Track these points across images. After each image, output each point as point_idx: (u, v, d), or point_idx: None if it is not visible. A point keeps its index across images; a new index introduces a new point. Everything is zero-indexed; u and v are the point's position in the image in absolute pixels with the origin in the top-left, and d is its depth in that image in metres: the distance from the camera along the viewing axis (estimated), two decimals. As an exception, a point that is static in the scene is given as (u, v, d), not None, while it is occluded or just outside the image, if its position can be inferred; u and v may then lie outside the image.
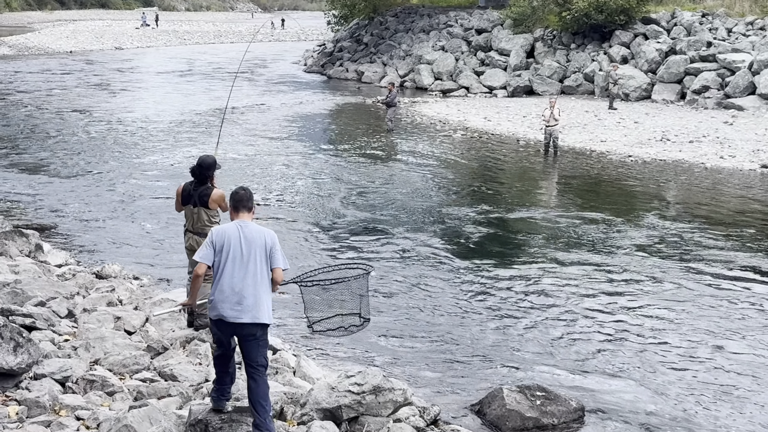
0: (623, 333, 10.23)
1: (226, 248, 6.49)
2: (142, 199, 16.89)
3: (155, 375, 7.88)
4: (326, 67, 48.65)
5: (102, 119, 28.01)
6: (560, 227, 15.16)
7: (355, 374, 7.52)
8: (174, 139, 24.30)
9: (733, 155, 21.72)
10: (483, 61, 39.52)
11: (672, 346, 9.87)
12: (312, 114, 31.37)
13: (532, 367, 9.29)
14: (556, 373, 9.14)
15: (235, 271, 6.45)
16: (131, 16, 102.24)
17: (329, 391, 7.34)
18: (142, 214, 15.80)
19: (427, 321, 10.62)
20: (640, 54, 33.76)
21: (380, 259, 13.18)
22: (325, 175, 19.80)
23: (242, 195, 6.73)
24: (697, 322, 10.60)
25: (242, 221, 6.62)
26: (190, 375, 7.85)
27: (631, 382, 8.93)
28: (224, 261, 6.48)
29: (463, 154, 23.19)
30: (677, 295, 11.58)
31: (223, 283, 6.46)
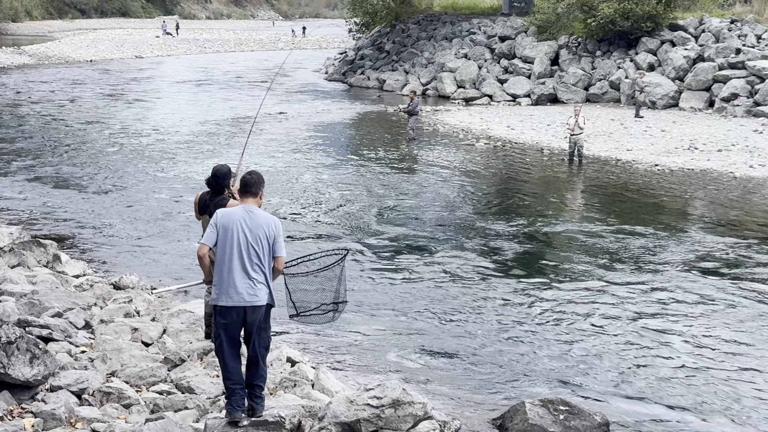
0: (652, 350, 10.12)
1: (231, 232, 6.65)
2: (161, 211, 16.97)
3: (172, 387, 7.90)
4: (347, 75, 48.79)
5: (121, 130, 28.23)
6: (586, 240, 15.07)
7: (375, 387, 7.50)
8: (193, 150, 24.42)
9: (764, 164, 21.54)
10: (506, 69, 39.50)
11: (705, 365, 9.75)
12: (333, 123, 31.45)
13: (556, 380, 9.23)
14: (581, 387, 9.07)
15: (239, 255, 6.61)
16: (151, 25, 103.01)
17: (348, 404, 7.32)
18: (160, 225, 15.88)
19: (448, 334, 10.58)
20: (667, 61, 33.60)
21: (403, 270, 13.17)
22: (348, 186, 19.79)
23: (250, 179, 6.88)
24: (734, 340, 10.47)
25: (249, 206, 6.79)
26: (207, 387, 7.86)
27: (659, 400, 8.84)
28: (228, 245, 6.65)
29: (486, 164, 23.15)
30: (710, 312, 11.43)
31: (228, 267, 6.62)
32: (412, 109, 26.56)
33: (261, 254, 6.69)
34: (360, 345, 10.12)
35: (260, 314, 6.72)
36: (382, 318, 11.07)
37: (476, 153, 24.83)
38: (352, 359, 9.72)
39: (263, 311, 6.74)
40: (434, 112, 34.34)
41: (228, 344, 6.78)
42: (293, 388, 8.16)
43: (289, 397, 7.91)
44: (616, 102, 34.35)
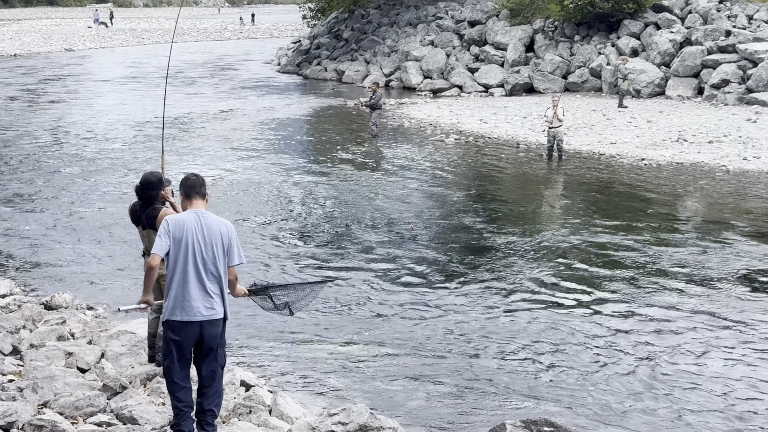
0: (642, 368, 10.18)
1: (185, 240, 6.59)
2: (94, 223, 16.74)
3: (112, 418, 7.78)
4: (302, 66, 48.73)
5: (48, 133, 27.90)
6: (568, 246, 15.13)
7: (339, 412, 7.46)
8: (126, 155, 24.17)
9: (758, 156, 21.83)
10: (477, 57, 39.67)
11: (695, 379, 9.83)
12: (287, 120, 31.36)
13: (539, 400, 9.24)
14: (566, 407, 9.09)
15: (196, 265, 6.59)
16: (83, 14, 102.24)
17: (310, 431, 7.28)
18: (95, 237, 15.69)
19: (419, 352, 10.55)
20: (651, 45, 33.94)
21: (366, 281, 13.13)
22: (305, 192, 19.70)
23: (194, 181, 6.86)
24: (731, 354, 10.57)
25: (199, 210, 6.74)
26: (151, 417, 7.75)
27: (648, 420, 8.89)
28: (182, 255, 6.60)
29: (457, 162, 23.21)
30: (706, 326, 11.51)
31: (181, 279, 6.59)
32: (374, 102, 26.55)
33: (217, 263, 6.66)
34: (323, 365, 10.06)
35: (218, 329, 6.72)
36: (347, 336, 11.02)
37: (446, 149, 24.89)
38: (314, 381, 9.66)
39: (221, 325, 6.74)
40: (399, 105, 34.40)
41: (179, 363, 6.73)
42: (248, 415, 8.08)
43: (244, 425, 7.82)
44: (598, 91, 34.64)
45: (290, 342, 10.72)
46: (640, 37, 35.02)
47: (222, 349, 6.81)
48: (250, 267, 13.76)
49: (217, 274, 6.66)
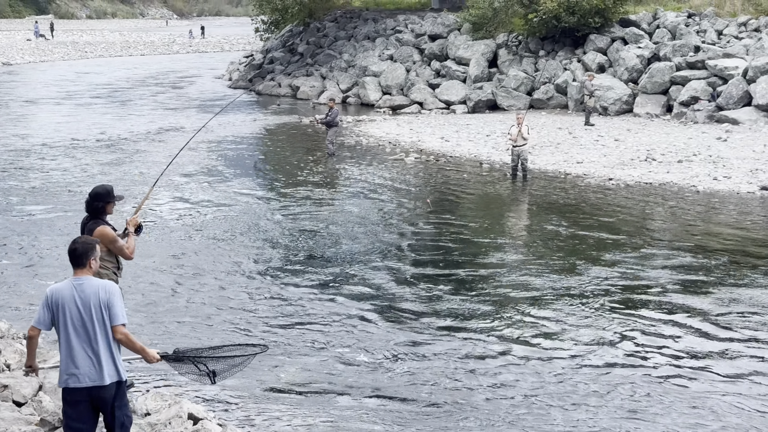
0: (617, 393, 10.26)
1: (62, 311, 6.87)
2: (29, 249, 16.55)
3: (50, 455, 7.67)
4: (255, 81, 48.70)
5: (-14, 148, 27.59)
6: (534, 269, 15.22)
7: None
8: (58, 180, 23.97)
9: (729, 176, 22.13)
10: (438, 72, 39.89)
11: (670, 406, 9.93)
12: (239, 138, 31.26)
13: (509, 424, 9.27)
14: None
15: (76, 334, 6.83)
16: (22, 26, 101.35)
17: (261, 467, 7.23)
18: (30, 263, 15.51)
19: (377, 377, 10.54)
20: (618, 61, 34.36)
21: (320, 309, 13.11)
22: (255, 215, 19.62)
23: (73, 250, 7.09)
24: (707, 380, 10.68)
25: (77, 278, 6.99)
26: (92, 453, 7.65)
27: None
28: (62, 325, 6.88)
29: (418, 182, 23.28)
30: (672, 350, 11.65)
31: (66, 348, 6.86)
32: (330, 120, 26.56)
33: (98, 328, 6.86)
34: (275, 395, 10.01)
35: (111, 393, 6.90)
36: (301, 363, 10.97)
37: (406, 169, 24.95)
38: (266, 412, 9.60)
39: (113, 389, 6.90)
40: (356, 122, 34.47)
41: (72, 430, 6.92)
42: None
43: (192, 461, 7.76)
44: (564, 108, 34.98)
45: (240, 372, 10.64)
46: (607, 52, 35.44)
47: (120, 411, 6.98)
48: (200, 300, 13.69)
49: (102, 338, 6.86)
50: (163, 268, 15.16)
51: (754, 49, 31.62)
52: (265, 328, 12.24)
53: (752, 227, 17.93)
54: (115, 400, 6.91)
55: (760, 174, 22.03)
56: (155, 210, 19.46)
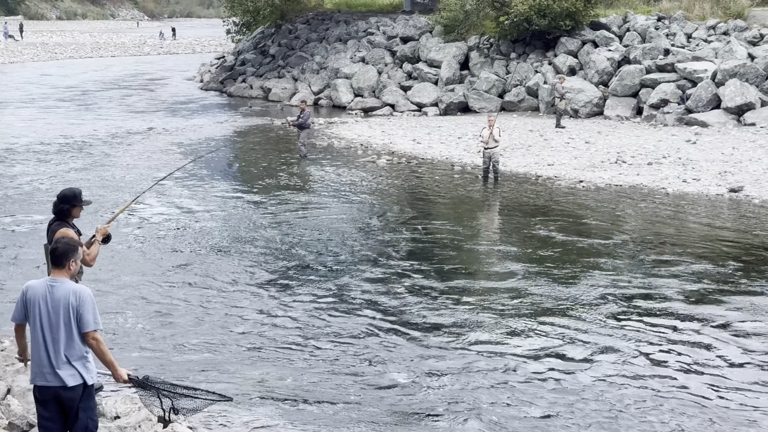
0: (576, 391, 10.31)
1: (34, 309, 6.92)
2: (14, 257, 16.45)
3: (18, 459, 7.62)
4: (226, 83, 48.56)
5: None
6: (504, 271, 15.27)
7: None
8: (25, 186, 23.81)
9: (698, 178, 22.29)
10: (410, 75, 39.94)
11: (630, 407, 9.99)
12: (210, 140, 31.17)
13: (470, 423, 9.29)
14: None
15: (44, 333, 6.86)
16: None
17: (232, 470, 7.21)
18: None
19: (348, 382, 10.53)
20: (589, 64, 34.55)
21: (289, 312, 13.10)
22: (226, 215, 19.62)
23: (54, 249, 7.11)
24: (673, 386, 10.75)
25: (53, 278, 7.02)
26: (61, 457, 7.60)
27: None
28: (32, 323, 6.94)
29: (390, 184, 23.29)
30: (636, 353, 11.72)
31: (35, 346, 6.92)
32: (303, 121, 26.54)
33: (63, 331, 6.87)
34: (245, 399, 9.98)
35: (76, 395, 6.91)
36: (270, 367, 10.95)
37: (378, 171, 24.96)
38: (235, 416, 9.57)
39: (80, 391, 6.91)
40: (328, 124, 34.45)
41: (44, 428, 6.97)
42: (166, 454, 7.97)
43: (162, 465, 7.72)
44: (535, 110, 35.12)
45: (212, 374, 10.62)
46: (577, 55, 35.63)
47: (85, 413, 6.99)
48: (169, 306, 13.63)
49: (65, 343, 6.87)
50: (134, 276, 15.09)
51: (723, 53, 31.88)
52: (240, 334, 12.21)
53: (721, 228, 18.07)
54: (80, 402, 6.91)
55: (729, 176, 22.21)
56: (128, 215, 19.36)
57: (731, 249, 16.47)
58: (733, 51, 31.60)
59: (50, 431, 6.95)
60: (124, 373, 7.22)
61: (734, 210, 19.71)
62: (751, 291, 13.81)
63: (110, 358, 7.06)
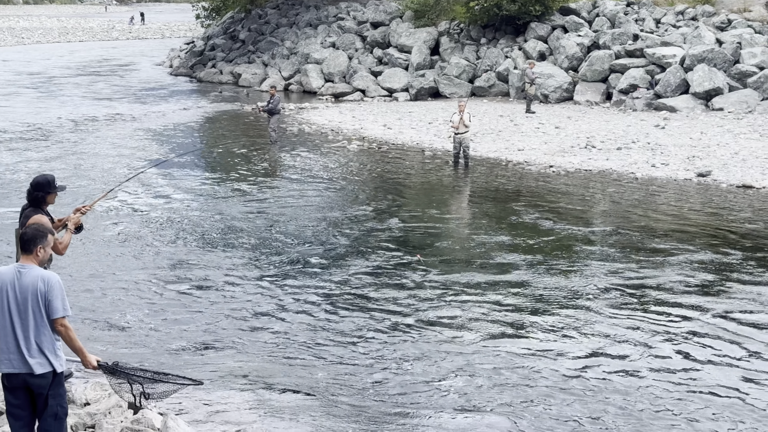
0: (545, 375, 10.38)
1: (1, 296, 6.88)
2: None
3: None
4: (196, 68, 48.30)
5: None
6: (473, 256, 15.31)
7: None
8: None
9: (666, 163, 22.45)
10: (381, 60, 39.90)
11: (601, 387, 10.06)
12: (179, 126, 31.00)
13: (436, 412, 9.34)
14: (468, 423, 9.21)
15: (11, 320, 6.83)
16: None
17: (203, 455, 7.21)
18: None
19: (319, 369, 10.54)
20: (559, 49, 34.66)
21: (261, 299, 13.09)
22: (196, 202, 19.54)
23: (23, 234, 7.08)
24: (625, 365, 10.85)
25: (22, 265, 6.97)
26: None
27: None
28: (1, 309, 6.88)
29: (360, 169, 23.28)
30: (607, 337, 11.81)
31: (2, 332, 6.86)
32: (272, 107, 26.45)
33: (32, 318, 6.84)
34: (216, 385, 9.97)
35: (45, 382, 6.88)
36: (241, 354, 10.95)
37: (348, 156, 24.94)
38: (207, 402, 9.56)
39: (49, 379, 6.88)
40: (299, 110, 34.37)
41: (12, 417, 6.95)
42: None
43: (133, 451, 7.72)
44: (505, 96, 35.21)
45: (182, 360, 10.61)
46: (547, 40, 35.73)
47: (54, 401, 6.95)
48: (135, 296, 13.59)
49: (33, 330, 6.84)
50: (101, 263, 15.02)
51: (692, 38, 32.07)
52: (209, 322, 12.19)
53: (689, 213, 18.21)
54: (50, 389, 6.88)
55: (697, 161, 22.39)
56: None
57: (700, 231, 16.60)
58: (701, 36, 31.80)
59: (19, 418, 6.91)
60: (93, 360, 7.20)
61: (703, 194, 19.86)
62: (725, 273, 13.94)
63: (79, 345, 7.03)
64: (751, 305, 12.51)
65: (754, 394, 9.71)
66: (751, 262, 14.53)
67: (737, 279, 13.68)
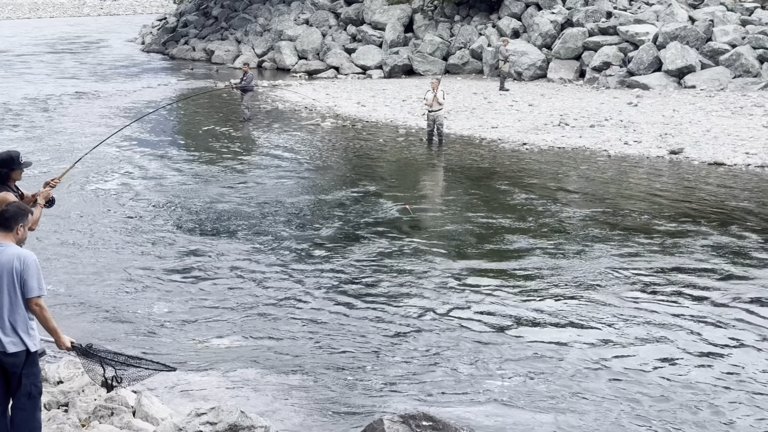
0: (521, 355, 10.43)
1: None
2: None
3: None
4: (168, 45, 48.03)
5: None
6: (447, 233, 15.36)
7: (208, 411, 7.41)
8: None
9: (639, 140, 22.55)
10: (354, 37, 39.80)
11: (578, 364, 10.13)
12: (152, 103, 30.82)
13: (420, 394, 9.36)
14: (444, 399, 9.24)
15: None
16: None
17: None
18: None
19: (294, 346, 10.56)
20: (532, 27, 34.68)
21: (236, 276, 13.08)
22: (168, 180, 19.48)
23: (4, 212, 7.03)
24: (602, 336, 10.93)
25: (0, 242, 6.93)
26: (3, 423, 7.55)
27: (528, 408, 9.12)
28: None
29: (334, 147, 23.26)
30: (579, 308, 11.89)
31: None
32: (246, 84, 26.36)
33: (6, 296, 6.79)
34: (189, 363, 9.96)
35: (18, 361, 6.83)
36: (214, 330, 10.94)
37: (322, 134, 24.90)
38: (181, 380, 9.55)
39: (23, 358, 6.83)
40: (272, 87, 34.27)
41: None
42: (110, 417, 7.94)
43: (106, 429, 7.70)
44: (479, 73, 35.23)
45: (155, 338, 10.59)
46: (521, 17, 35.75)
47: (28, 380, 6.91)
48: (122, 276, 13.54)
49: (7, 308, 6.79)
50: (78, 243, 14.95)
51: (664, 15, 32.17)
52: (187, 300, 12.17)
53: (662, 190, 18.31)
54: (23, 368, 6.84)
55: (669, 138, 22.49)
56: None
57: (672, 207, 16.71)
58: (674, 14, 31.90)
59: None
60: (67, 341, 7.17)
61: (675, 171, 19.97)
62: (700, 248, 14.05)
63: (53, 325, 6.98)
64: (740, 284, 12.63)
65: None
66: (723, 238, 14.63)
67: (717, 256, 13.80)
